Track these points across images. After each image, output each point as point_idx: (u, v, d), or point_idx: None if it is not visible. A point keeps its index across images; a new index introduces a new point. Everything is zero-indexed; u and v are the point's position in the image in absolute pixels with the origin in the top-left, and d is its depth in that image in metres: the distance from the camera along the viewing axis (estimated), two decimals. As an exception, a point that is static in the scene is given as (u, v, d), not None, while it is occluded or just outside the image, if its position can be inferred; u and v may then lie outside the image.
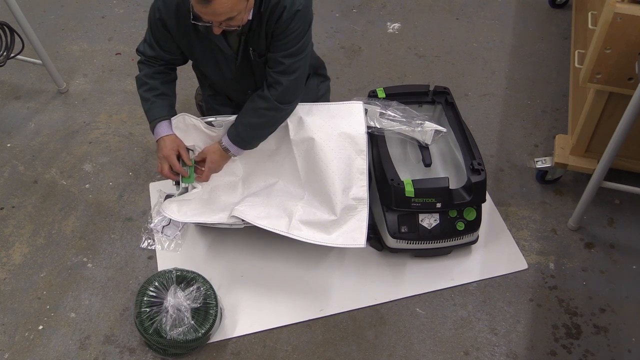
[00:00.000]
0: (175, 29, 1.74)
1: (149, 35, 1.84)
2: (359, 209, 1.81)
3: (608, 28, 1.69)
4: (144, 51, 1.88)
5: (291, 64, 1.76)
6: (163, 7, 1.71)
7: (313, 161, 1.86)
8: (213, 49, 1.79)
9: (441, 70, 2.76)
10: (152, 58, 1.87)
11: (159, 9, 1.72)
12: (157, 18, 1.74)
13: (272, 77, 1.79)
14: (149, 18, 1.80)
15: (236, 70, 1.85)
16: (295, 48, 1.74)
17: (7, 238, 2.11)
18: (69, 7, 3.18)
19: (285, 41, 1.72)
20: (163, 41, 1.82)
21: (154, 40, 1.83)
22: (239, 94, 1.98)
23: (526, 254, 2.03)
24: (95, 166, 2.35)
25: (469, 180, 1.83)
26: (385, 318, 1.87)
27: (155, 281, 1.78)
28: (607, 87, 1.85)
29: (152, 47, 1.85)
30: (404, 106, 1.99)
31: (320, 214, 1.83)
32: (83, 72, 2.78)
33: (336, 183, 1.82)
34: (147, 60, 1.88)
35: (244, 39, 1.76)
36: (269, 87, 1.81)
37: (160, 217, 2.08)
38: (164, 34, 1.79)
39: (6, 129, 2.51)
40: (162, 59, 1.87)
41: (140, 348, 1.80)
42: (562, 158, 2.12)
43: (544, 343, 1.82)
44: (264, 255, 2.01)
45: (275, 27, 1.70)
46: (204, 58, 1.85)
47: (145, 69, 1.89)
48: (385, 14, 3.09)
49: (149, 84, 1.87)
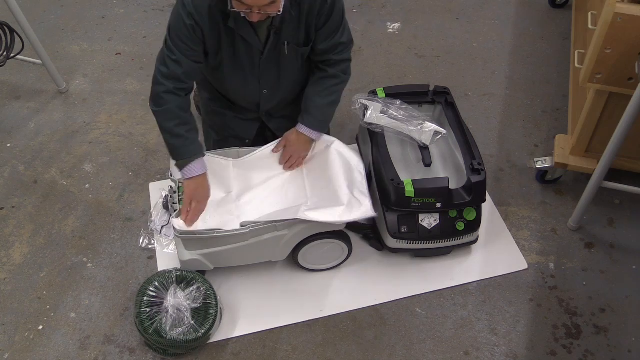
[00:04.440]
0: (208, 30, 1.69)
1: (171, 52, 1.71)
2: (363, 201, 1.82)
3: (608, 28, 1.69)
4: (171, 73, 1.71)
5: (345, 38, 1.83)
6: (195, 12, 1.65)
7: (317, 172, 1.92)
8: (238, 46, 1.75)
9: (441, 70, 2.76)
10: (177, 80, 1.73)
11: (190, 14, 1.65)
12: (189, 24, 1.66)
13: (333, 59, 1.85)
14: (173, 30, 1.69)
15: (260, 66, 1.81)
16: (343, 22, 1.80)
17: (7, 238, 2.11)
18: (69, 7, 3.18)
19: (333, 23, 1.77)
20: (190, 50, 1.71)
21: (181, 53, 1.70)
22: (252, 94, 1.92)
23: (526, 254, 2.03)
24: (95, 166, 2.35)
25: (469, 180, 1.83)
26: (385, 318, 1.87)
27: (155, 281, 1.78)
28: (607, 87, 1.85)
29: (179, 63, 1.71)
30: (406, 105, 1.99)
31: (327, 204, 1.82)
32: (83, 72, 2.78)
33: (341, 180, 1.85)
34: (175, 88, 1.73)
35: (273, 32, 1.73)
36: (332, 66, 1.86)
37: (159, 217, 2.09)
38: (194, 40, 1.70)
39: (6, 129, 2.51)
40: (188, 77, 1.75)
41: (140, 348, 1.80)
42: (562, 158, 2.12)
43: (544, 343, 1.82)
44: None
45: (319, 15, 1.73)
46: (227, 57, 1.79)
47: (172, 100, 1.73)
48: (385, 14, 3.09)
49: (181, 117, 1.75)
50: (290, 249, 1.86)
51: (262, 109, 1.98)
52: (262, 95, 1.91)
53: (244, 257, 1.88)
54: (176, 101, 1.74)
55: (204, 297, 1.75)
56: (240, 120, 2.02)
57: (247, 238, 1.77)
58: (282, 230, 1.78)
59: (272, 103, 1.97)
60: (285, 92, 1.95)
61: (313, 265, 1.95)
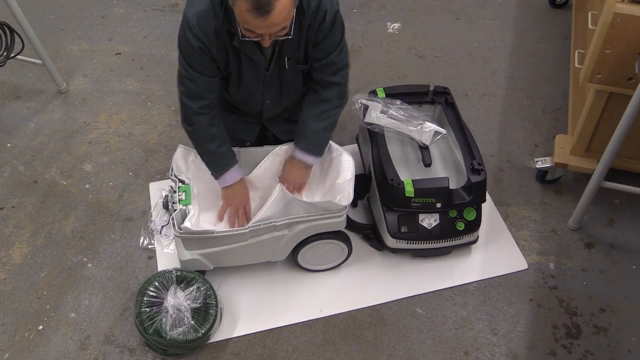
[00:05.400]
0: (216, 50, 1.69)
1: (187, 72, 1.72)
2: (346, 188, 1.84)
3: (608, 28, 1.69)
4: (191, 92, 1.74)
5: (341, 60, 1.79)
6: (201, 34, 1.64)
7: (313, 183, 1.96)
8: (244, 63, 1.76)
9: (441, 70, 2.76)
10: (200, 98, 1.75)
11: (197, 37, 1.64)
12: (197, 46, 1.66)
13: (326, 80, 1.81)
14: (184, 52, 1.70)
15: (265, 80, 1.83)
16: (341, 44, 1.77)
17: (7, 238, 2.11)
18: (69, 7, 3.18)
19: (331, 42, 1.74)
20: (204, 69, 1.72)
21: (195, 71, 1.72)
22: (255, 104, 1.94)
23: (526, 254, 2.03)
24: (95, 166, 2.35)
25: (469, 180, 1.83)
26: (385, 318, 1.87)
27: (155, 281, 1.78)
28: (607, 87, 1.85)
29: (196, 82, 1.73)
30: (406, 106, 1.99)
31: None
32: (83, 72, 2.78)
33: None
34: (199, 108, 1.76)
35: (277, 49, 1.74)
36: (325, 89, 1.82)
37: (159, 217, 2.09)
38: (204, 59, 1.70)
39: (6, 129, 2.51)
40: (208, 92, 1.77)
41: (140, 348, 1.80)
42: (562, 158, 2.12)
43: (544, 343, 1.82)
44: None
45: (318, 32, 1.70)
46: (234, 72, 1.80)
47: (200, 120, 1.78)
48: (385, 14, 3.09)
49: (220, 137, 1.82)
50: (290, 249, 1.86)
51: (264, 117, 2.00)
52: (265, 105, 1.93)
53: (244, 257, 1.88)
54: (204, 120, 1.79)
55: (204, 297, 1.76)
56: (242, 123, 2.02)
57: (246, 238, 1.77)
58: (282, 230, 1.78)
59: (274, 112, 1.99)
60: (286, 101, 1.97)
61: (313, 266, 1.95)
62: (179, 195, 1.81)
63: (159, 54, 2.86)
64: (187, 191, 1.81)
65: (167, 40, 2.93)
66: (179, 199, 1.80)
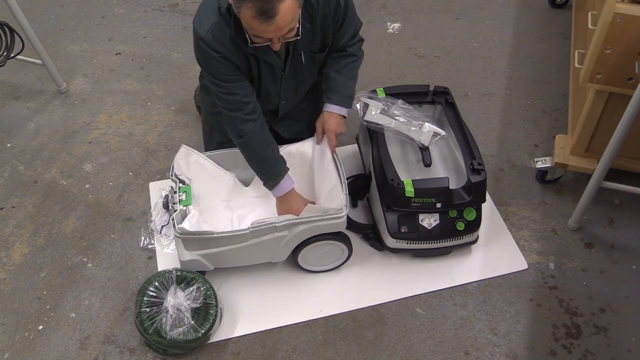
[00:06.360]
0: (236, 58, 1.70)
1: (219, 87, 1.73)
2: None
3: (608, 28, 1.69)
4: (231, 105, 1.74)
5: (357, 22, 1.88)
6: (218, 45, 1.65)
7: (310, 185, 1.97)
8: (262, 67, 1.77)
9: (441, 70, 2.76)
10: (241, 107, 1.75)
11: (215, 49, 1.65)
12: (217, 57, 1.66)
13: (349, 43, 1.88)
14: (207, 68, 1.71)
15: (282, 81, 1.84)
16: (354, 20, 1.85)
17: (7, 238, 2.11)
18: (69, 7, 3.18)
19: (348, 22, 1.81)
20: (233, 75, 1.73)
21: (226, 82, 1.72)
22: (271, 105, 1.96)
23: (526, 254, 2.03)
24: (95, 166, 2.35)
25: (469, 180, 1.83)
26: (385, 318, 1.87)
27: (155, 281, 1.78)
28: (607, 87, 1.85)
29: (231, 92, 1.74)
30: (407, 105, 1.99)
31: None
32: (83, 72, 2.78)
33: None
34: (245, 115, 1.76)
35: (292, 47, 1.75)
36: (350, 47, 1.90)
37: (159, 217, 2.08)
38: (229, 66, 1.70)
39: (6, 129, 2.51)
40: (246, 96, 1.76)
41: (140, 348, 1.80)
42: (562, 158, 2.12)
43: (544, 343, 1.82)
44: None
45: (336, 18, 1.76)
46: (256, 77, 1.81)
47: (253, 126, 1.77)
48: (385, 14, 3.09)
49: (272, 142, 1.84)
50: (290, 250, 1.86)
51: (279, 116, 2.01)
52: (280, 105, 1.95)
53: (244, 258, 1.88)
54: (253, 126, 1.78)
55: (204, 297, 1.76)
56: None
57: (247, 239, 1.77)
58: (282, 231, 1.78)
59: (287, 109, 2.01)
60: (300, 99, 1.99)
61: (313, 267, 1.95)
62: (180, 196, 1.81)
63: (159, 54, 2.86)
64: (187, 192, 1.81)
65: (167, 40, 2.93)
66: (180, 199, 1.80)
